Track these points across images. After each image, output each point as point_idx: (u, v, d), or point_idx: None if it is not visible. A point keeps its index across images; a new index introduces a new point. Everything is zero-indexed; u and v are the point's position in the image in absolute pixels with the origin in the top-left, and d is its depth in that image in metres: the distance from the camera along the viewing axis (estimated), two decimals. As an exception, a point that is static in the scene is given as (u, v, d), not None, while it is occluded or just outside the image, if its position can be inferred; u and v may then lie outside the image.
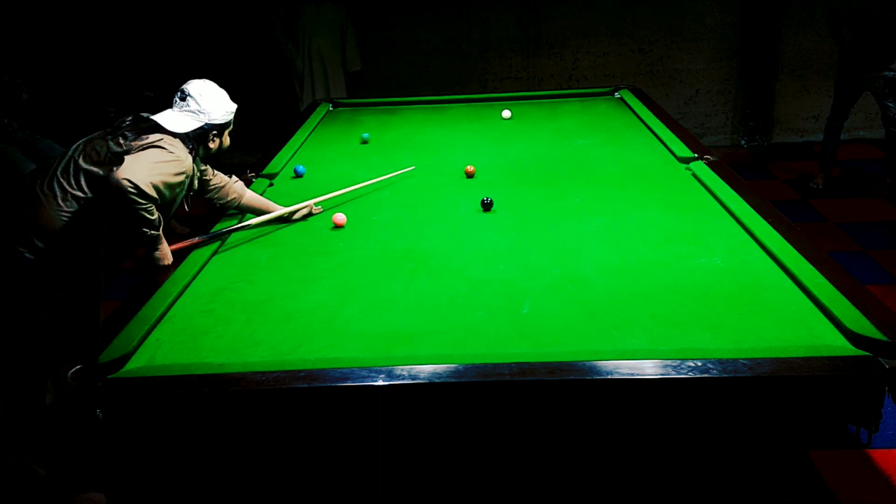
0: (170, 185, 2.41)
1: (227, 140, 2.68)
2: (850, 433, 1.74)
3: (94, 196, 2.41)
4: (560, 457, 1.84)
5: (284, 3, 5.69)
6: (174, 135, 2.48)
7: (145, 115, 2.53)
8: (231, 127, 2.66)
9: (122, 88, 5.48)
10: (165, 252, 2.49)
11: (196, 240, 2.58)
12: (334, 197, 2.95)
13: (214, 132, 2.58)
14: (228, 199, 2.82)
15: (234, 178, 2.88)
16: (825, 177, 5.52)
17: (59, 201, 2.40)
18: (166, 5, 6.09)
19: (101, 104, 5.17)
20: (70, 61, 6.06)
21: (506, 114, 3.99)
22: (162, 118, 2.50)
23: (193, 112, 2.51)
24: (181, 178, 2.46)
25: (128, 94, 5.22)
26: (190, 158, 2.50)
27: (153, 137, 2.44)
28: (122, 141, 2.44)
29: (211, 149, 2.62)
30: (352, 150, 3.75)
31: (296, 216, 2.84)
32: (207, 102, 2.53)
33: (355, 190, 3.06)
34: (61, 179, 2.43)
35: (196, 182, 2.65)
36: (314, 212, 2.89)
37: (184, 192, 2.58)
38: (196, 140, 2.55)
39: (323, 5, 5.66)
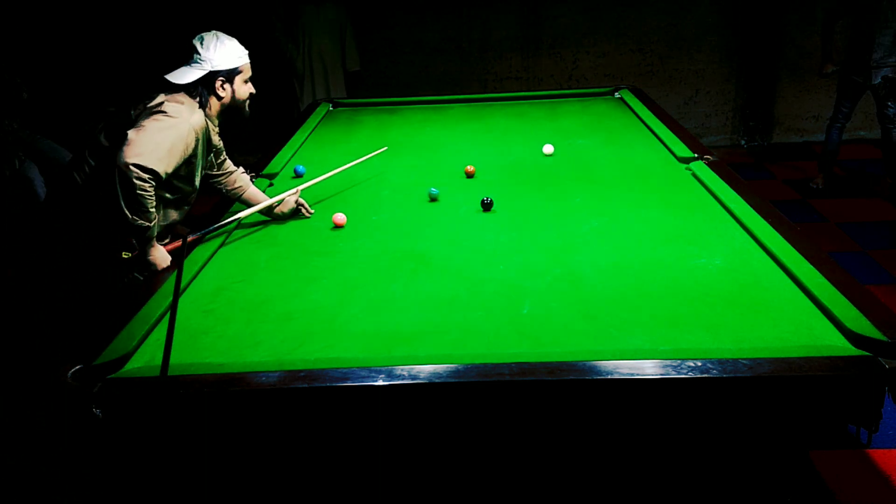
0: (176, 152, 2.39)
1: (241, 89, 2.60)
2: (850, 433, 1.74)
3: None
4: (560, 457, 1.84)
5: (284, 3, 5.69)
6: (180, 87, 2.49)
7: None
8: (245, 74, 2.60)
9: (121, 88, 5.48)
10: (158, 256, 2.48)
11: (189, 238, 2.57)
12: (315, 184, 2.97)
13: (221, 78, 2.54)
14: (233, 187, 2.83)
15: (242, 169, 2.89)
16: (825, 177, 5.52)
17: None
18: (166, 6, 6.09)
19: (101, 104, 5.16)
20: (70, 61, 6.06)
21: (547, 149, 3.49)
22: (172, 74, 2.51)
23: (197, 62, 2.51)
24: (188, 138, 2.43)
25: (128, 94, 5.22)
26: (197, 114, 2.48)
27: (155, 101, 2.45)
28: (133, 112, 2.46)
29: (222, 97, 2.57)
30: (352, 150, 3.75)
31: (283, 207, 2.84)
32: (209, 50, 2.51)
33: (336, 175, 3.08)
34: (90, 160, 2.49)
35: (215, 139, 2.62)
36: (305, 213, 2.88)
37: (202, 156, 2.56)
38: (203, 90, 2.53)
39: (323, 5, 5.66)
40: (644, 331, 1.90)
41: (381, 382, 1.69)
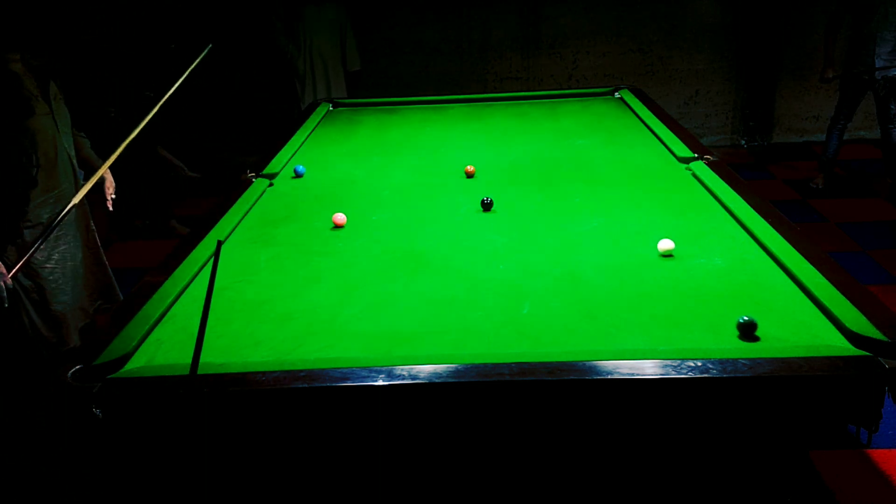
0: None
1: None
2: (850, 433, 1.74)
3: None
4: (560, 457, 1.84)
5: (285, 3, 5.69)
6: None
7: None
8: None
9: (122, 88, 5.48)
10: None
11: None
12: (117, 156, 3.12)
13: None
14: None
15: (83, 134, 3.20)
16: (825, 177, 5.52)
17: None
18: (167, 6, 6.09)
19: (101, 104, 5.16)
20: (70, 61, 6.06)
21: (665, 245, 2.35)
22: None
23: None
24: None
25: (128, 94, 5.22)
26: None
27: None
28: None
29: None
30: (352, 150, 3.75)
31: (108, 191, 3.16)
32: None
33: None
34: None
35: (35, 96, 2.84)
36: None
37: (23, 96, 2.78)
38: None
39: (323, 5, 5.66)
40: (644, 331, 1.90)
41: (381, 382, 1.69)
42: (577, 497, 1.93)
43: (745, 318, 1.85)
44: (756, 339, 1.83)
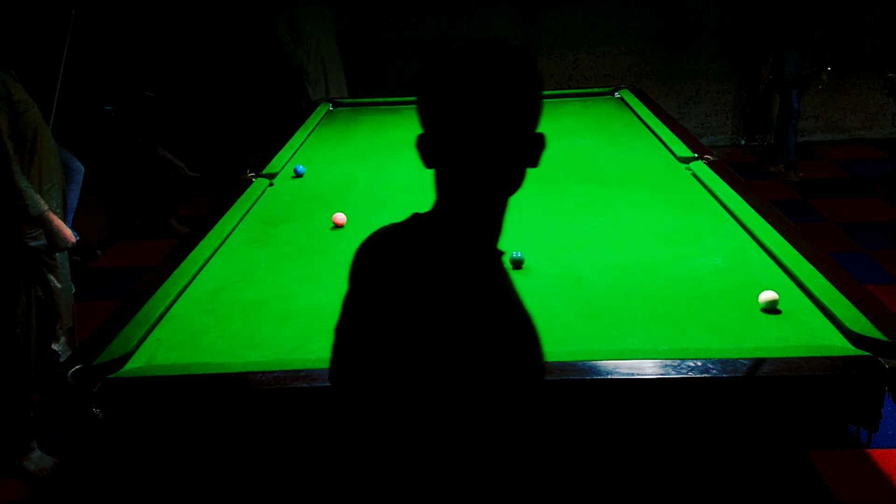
0: None
1: None
2: (850, 433, 1.74)
3: None
4: (560, 457, 1.84)
5: (287, 4, 5.69)
6: None
7: None
8: None
9: (121, 88, 5.48)
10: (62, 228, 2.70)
11: None
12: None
13: None
14: None
15: None
16: (795, 172, 5.66)
17: None
18: (169, 8, 6.09)
19: (100, 104, 5.17)
20: (69, 61, 6.05)
21: (768, 297, 1.97)
22: None
23: None
24: None
25: (128, 94, 5.22)
26: None
27: None
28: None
29: None
30: (352, 150, 3.75)
31: None
32: None
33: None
34: None
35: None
36: None
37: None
38: None
39: (323, 6, 5.66)
40: (644, 331, 1.90)
41: (381, 382, 1.68)
42: (576, 497, 1.92)
43: (518, 254, 2.23)
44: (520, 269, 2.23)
